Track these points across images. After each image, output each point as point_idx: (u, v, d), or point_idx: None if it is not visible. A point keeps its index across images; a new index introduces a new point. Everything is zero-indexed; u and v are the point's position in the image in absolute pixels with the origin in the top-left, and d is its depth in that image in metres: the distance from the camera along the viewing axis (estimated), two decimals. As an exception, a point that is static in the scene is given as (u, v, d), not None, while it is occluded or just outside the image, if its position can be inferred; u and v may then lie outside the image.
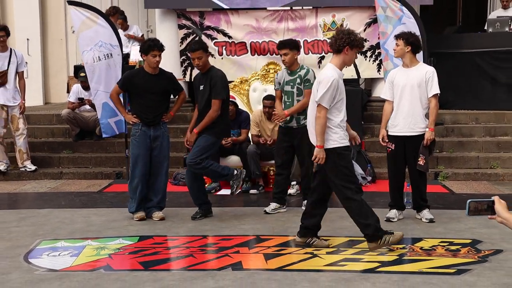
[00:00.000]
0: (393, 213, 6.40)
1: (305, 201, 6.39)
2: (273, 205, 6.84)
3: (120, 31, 10.52)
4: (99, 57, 8.51)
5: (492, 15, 10.97)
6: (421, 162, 6.25)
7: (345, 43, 5.20)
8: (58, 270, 4.99)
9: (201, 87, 6.51)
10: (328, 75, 5.21)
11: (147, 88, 6.50)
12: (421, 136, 6.27)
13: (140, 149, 6.50)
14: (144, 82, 6.48)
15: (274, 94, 7.25)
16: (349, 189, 5.28)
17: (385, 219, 6.34)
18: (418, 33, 8.18)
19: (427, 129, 6.25)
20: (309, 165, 6.42)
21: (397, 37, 6.41)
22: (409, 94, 6.27)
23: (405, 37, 6.30)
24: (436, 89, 6.24)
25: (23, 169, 8.92)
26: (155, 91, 6.52)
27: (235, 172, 6.63)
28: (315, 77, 6.64)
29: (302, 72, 6.69)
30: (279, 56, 6.94)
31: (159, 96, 6.55)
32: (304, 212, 5.69)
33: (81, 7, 8.62)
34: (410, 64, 6.34)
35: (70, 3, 8.77)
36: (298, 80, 6.67)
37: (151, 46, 6.44)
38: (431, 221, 6.32)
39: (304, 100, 6.59)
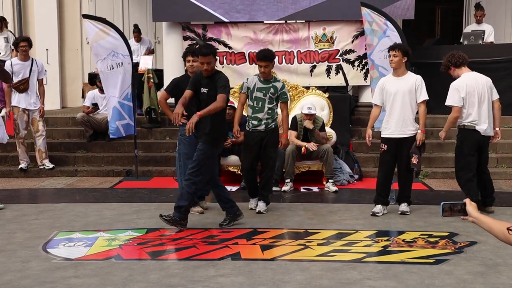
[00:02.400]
0: (378, 208, 6.35)
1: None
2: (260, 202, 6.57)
3: (132, 42, 10.51)
4: (112, 65, 8.48)
5: (467, 29, 10.96)
6: (414, 161, 6.17)
7: None
8: (73, 259, 4.97)
9: (204, 90, 5.78)
10: None
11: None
12: (412, 138, 6.22)
13: (192, 148, 6.12)
14: None
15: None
16: None
17: (371, 213, 6.33)
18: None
19: (419, 131, 6.20)
20: (273, 164, 6.67)
21: (393, 48, 6.23)
22: (400, 100, 6.21)
23: (404, 49, 6.20)
24: (425, 95, 6.22)
25: (42, 167, 8.90)
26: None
27: (238, 212, 6.03)
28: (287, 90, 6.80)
29: (278, 85, 6.49)
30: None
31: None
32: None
33: (94, 20, 8.61)
34: (401, 74, 6.27)
35: (85, 16, 8.78)
36: (272, 90, 6.46)
37: (186, 53, 6.38)
38: (403, 213, 6.31)
39: (285, 113, 6.53)
